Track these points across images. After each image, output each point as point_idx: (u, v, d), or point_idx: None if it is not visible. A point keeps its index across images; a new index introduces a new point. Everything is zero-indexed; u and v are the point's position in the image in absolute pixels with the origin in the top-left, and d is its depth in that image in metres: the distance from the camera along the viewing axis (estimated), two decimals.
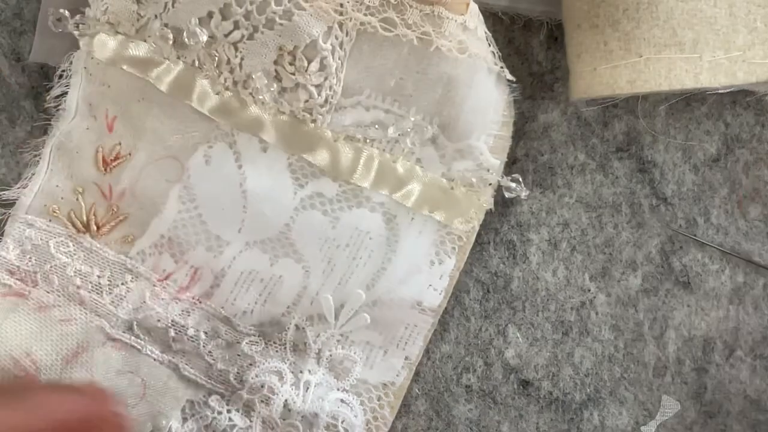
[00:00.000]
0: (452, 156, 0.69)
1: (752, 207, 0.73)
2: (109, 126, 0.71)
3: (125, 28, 0.70)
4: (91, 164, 0.71)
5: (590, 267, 0.73)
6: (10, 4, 0.75)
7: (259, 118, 0.69)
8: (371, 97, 0.69)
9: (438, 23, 0.65)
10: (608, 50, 0.67)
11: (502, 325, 0.73)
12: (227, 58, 0.68)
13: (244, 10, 0.66)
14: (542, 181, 0.73)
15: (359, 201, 0.69)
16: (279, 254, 0.70)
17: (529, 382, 0.73)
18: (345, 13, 0.66)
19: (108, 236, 0.71)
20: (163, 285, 0.70)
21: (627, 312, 0.73)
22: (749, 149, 0.73)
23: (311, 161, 0.69)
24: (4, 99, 0.75)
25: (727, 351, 0.73)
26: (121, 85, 0.70)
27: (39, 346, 0.69)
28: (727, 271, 0.73)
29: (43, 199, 0.71)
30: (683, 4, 0.65)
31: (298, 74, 0.67)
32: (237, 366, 0.70)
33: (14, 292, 0.70)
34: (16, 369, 0.68)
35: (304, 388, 0.70)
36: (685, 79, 0.66)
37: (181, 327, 0.70)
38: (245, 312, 0.70)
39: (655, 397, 0.73)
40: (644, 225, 0.73)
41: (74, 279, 0.70)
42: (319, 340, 0.70)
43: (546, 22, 0.73)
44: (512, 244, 0.74)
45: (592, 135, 0.74)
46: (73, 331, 0.69)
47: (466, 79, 0.67)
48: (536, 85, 0.74)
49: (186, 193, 0.70)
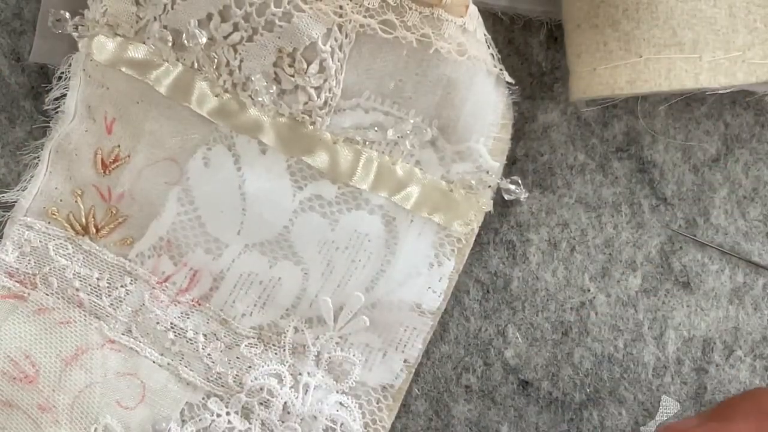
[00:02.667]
0: (451, 158, 0.69)
1: (752, 207, 0.73)
2: (108, 128, 0.71)
3: (124, 30, 0.70)
4: (90, 166, 0.71)
5: (590, 267, 0.73)
6: (10, 4, 0.75)
7: (258, 121, 0.69)
8: (370, 99, 0.69)
9: (437, 25, 0.65)
10: (608, 50, 0.67)
11: (502, 326, 0.73)
12: (226, 60, 0.68)
13: (244, 12, 0.66)
14: (542, 181, 0.73)
15: (358, 203, 0.69)
16: (278, 256, 0.70)
17: (528, 383, 0.73)
18: (344, 15, 0.66)
19: (107, 238, 0.71)
20: (162, 287, 0.70)
21: (627, 312, 0.73)
22: (749, 149, 0.73)
23: (310, 163, 0.69)
24: (4, 99, 0.75)
25: (727, 351, 0.73)
26: (120, 87, 0.70)
27: (38, 349, 0.69)
28: (727, 271, 0.73)
29: (42, 201, 0.71)
30: (683, 4, 0.65)
31: (297, 76, 0.67)
32: (236, 368, 0.70)
33: (13, 295, 0.70)
34: (15, 371, 0.69)
35: (303, 390, 0.70)
36: (684, 80, 0.66)
37: (180, 329, 0.70)
38: (244, 314, 0.70)
39: (655, 397, 0.73)
40: (644, 225, 0.73)
41: (73, 281, 0.70)
42: (318, 342, 0.70)
43: (546, 22, 0.73)
44: (512, 245, 0.74)
45: (592, 135, 0.73)
46: (72, 334, 0.70)
47: (466, 81, 0.67)
48: (536, 85, 0.74)
49: (185, 195, 0.70)
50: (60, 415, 0.69)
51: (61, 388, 0.69)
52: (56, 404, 0.69)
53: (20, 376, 0.69)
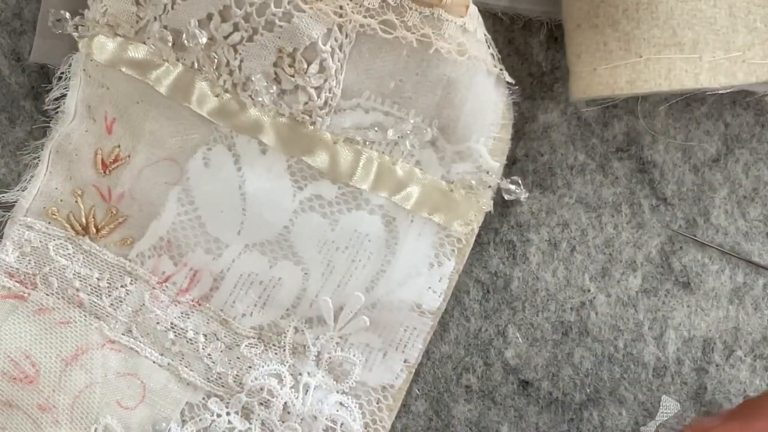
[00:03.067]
0: (451, 158, 0.69)
1: (752, 207, 0.73)
2: (108, 128, 0.71)
3: (124, 30, 0.70)
4: (90, 166, 0.71)
5: (590, 267, 0.73)
6: (10, 4, 0.75)
7: (258, 121, 0.69)
8: (371, 99, 0.69)
9: (437, 25, 0.65)
10: (608, 50, 0.67)
11: (502, 326, 0.73)
12: (226, 60, 0.68)
13: (244, 12, 0.66)
14: (542, 181, 0.73)
15: (358, 203, 0.69)
16: (278, 256, 0.70)
17: (528, 383, 0.73)
18: (344, 15, 0.66)
19: (107, 238, 0.71)
20: (162, 287, 0.70)
21: (627, 312, 0.73)
22: (749, 149, 0.73)
23: (310, 163, 0.69)
24: (4, 99, 0.75)
25: (727, 351, 0.73)
26: (120, 87, 0.70)
27: (38, 349, 0.69)
28: (727, 271, 0.73)
29: (43, 201, 0.71)
30: (683, 4, 0.65)
31: (297, 76, 0.67)
32: (236, 368, 0.70)
33: (13, 295, 0.70)
34: (16, 371, 0.69)
35: (303, 390, 0.70)
36: (684, 80, 0.66)
37: (180, 329, 0.70)
38: (244, 314, 0.70)
39: (655, 397, 0.73)
40: (644, 225, 0.73)
41: (73, 281, 0.70)
42: (319, 342, 0.70)
43: (546, 22, 0.73)
44: (512, 245, 0.73)
45: (592, 135, 0.73)
46: (72, 334, 0.70)
47: (466, 81, 0.67)
48: (536, 85, 0.74)
49: (185, 195, 0.70)
50: (60, 415, 0.69)
51: (61, 388, 0.69)
52: (56, 404, 0.69)
53: (20, 376, 0.69)
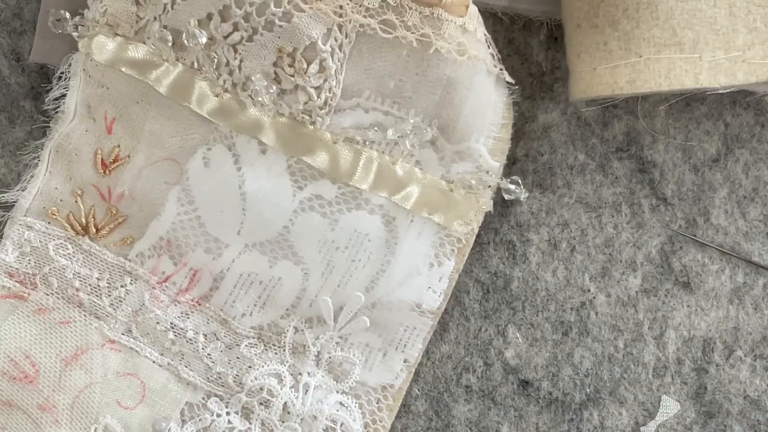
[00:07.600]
0: (451, 158, 0.69)
1: (752, 207, 0.73)
2: (108, 128, 0.71)
3: (124, 30, 0.70)
4: (89, 166, 0.71)
5: (590, 267, 0.73)
6: (10, 4, 0.75)
7: (258, 120, 0.69)
8: (370, 98, 0.69)
9: (437, 25, 0.65)
10: (608, 50, 0.67)
11: (502, 326, 0.73)
12: (226, 60, 0.68)
13: (244, 11, 0.66)
14: (542, 181, 0.73)
15: (358, 203, 0.69)
16: (278, 256, 0.70)
17: (528, 383, 0.73)
18: (344, 14, 0.66)
19: (107, 238, 0.71)
20: (162, 287, 0.70)
21: (627, 312, 0.73)
22: (749, 149, 0.73)
23: (310, 163, 0.69)
24: (4, 99, 0.75)
25: (727, 351, 0.73)
26: (119, 87, 0.70)
27: (38, 349, 0.69)
28: (727, 271, 0.73)
29: (42, 201, 0.71)
30: (683, 4, 0.65)
31: (297, 76, 0.67)
32: (236, 368, 0.70)
33: (13, 295, 0.70)
34: (16, 371, 0.69)
35: (303, 390, 0.70)
36: (684, 79, 0.66)
37: (180, 329, 0.70)
38: (244, 314, 0.70)
39: (655, 397, 0.73)
40: (644, 225, 0.73)
41: (73, 281, 0.70)
42: (318, 342, 0.70)
43: (546, 22, 0.73)
44: (512, 245, 0.74)
45: (592, 135, 0.74)
46: (72, 334, 0.70)
47: (466, 81, 0.67)
48: (536, 85, 0.74)
49: (185, 195, 0.70)
50: (60, 415, 0.69)
51: (61, 388, 0.69)
52: (56, 404, 0.69)
53: (20, 376, 0.69)
